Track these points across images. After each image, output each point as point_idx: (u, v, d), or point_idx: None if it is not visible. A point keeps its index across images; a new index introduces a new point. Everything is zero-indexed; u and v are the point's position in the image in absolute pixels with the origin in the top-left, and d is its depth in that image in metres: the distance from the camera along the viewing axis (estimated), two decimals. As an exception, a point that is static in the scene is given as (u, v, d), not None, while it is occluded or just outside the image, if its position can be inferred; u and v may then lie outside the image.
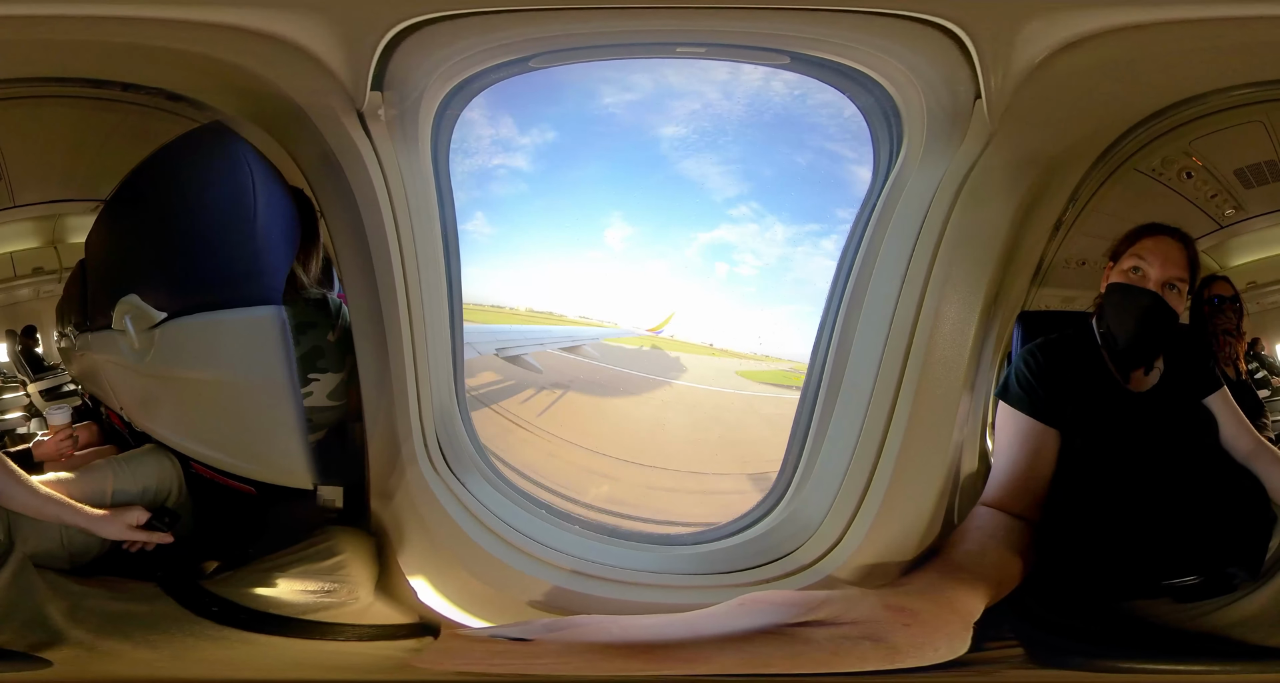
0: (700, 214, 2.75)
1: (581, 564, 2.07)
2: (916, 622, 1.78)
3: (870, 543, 2.00)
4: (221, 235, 1.95)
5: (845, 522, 2.04)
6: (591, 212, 2.76)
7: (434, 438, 2.10)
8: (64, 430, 2.11)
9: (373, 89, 1.96)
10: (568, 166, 2.70)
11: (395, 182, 2.04)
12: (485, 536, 2.06)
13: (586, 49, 2.05)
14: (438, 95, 2.06)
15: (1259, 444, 2.05)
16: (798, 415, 2.20)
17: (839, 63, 2.02)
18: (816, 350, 2.19)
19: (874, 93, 2.08)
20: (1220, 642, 1.91)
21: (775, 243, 2.65)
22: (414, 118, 2.05)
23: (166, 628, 1.84)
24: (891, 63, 1.98)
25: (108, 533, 1.96)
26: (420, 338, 2.06)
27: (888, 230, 2.09)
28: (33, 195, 2.05)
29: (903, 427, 2.02)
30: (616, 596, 2.03)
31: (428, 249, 2.11)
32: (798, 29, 1.93)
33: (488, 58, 2.01)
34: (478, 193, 2.68)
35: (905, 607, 1.81)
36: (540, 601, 2.02)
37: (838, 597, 1.85)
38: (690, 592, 2.05)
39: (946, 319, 2.02)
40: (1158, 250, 2.04)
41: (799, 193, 2.60)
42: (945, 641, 1.78)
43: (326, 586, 1.96)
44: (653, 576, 2.08)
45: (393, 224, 2.03)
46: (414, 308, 2.05)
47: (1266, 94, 2.01)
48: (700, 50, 2.06)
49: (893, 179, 2.12)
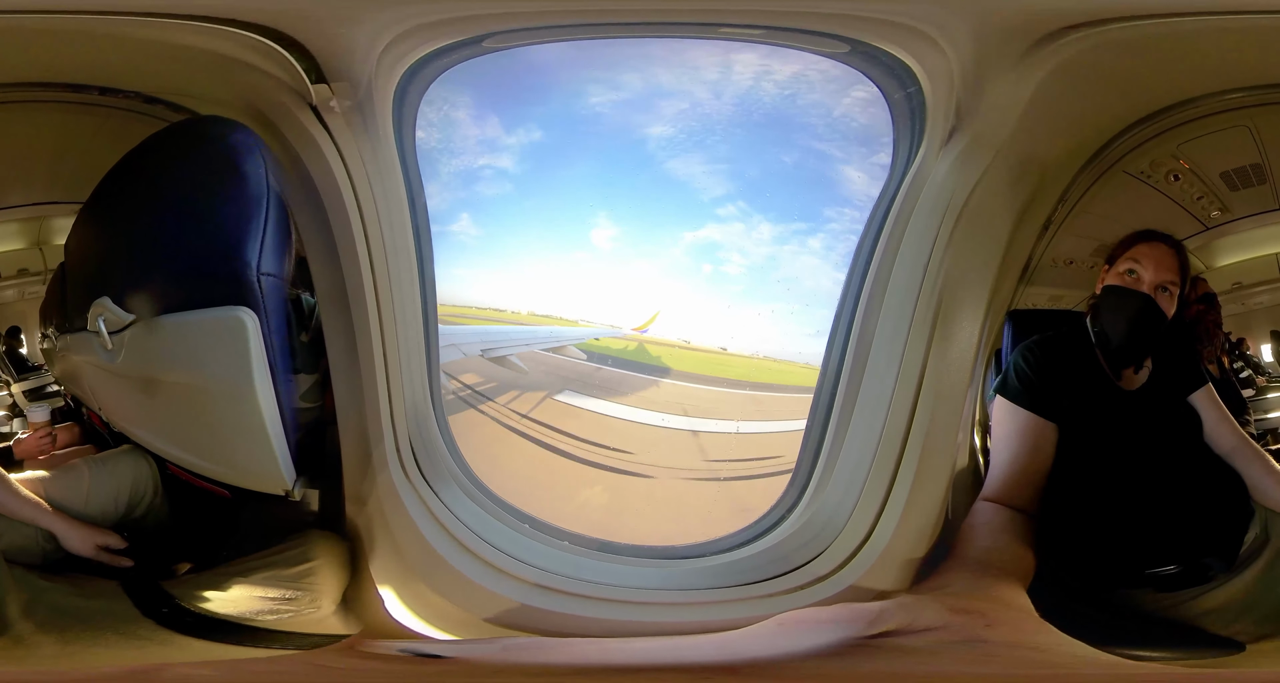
0: (687, 213, 2.75)
1: (564, 583, 1.99)
2: (996, 622, 1.76)
3: (895, 545, 1.97)
4: (188, 236, 1.91)
5: (870, 523, 2.01)
6: (578, 212, 2.75)
7: (406, 442, 2.06)
8: (43, 428, 2.11)
9: (316, 81, 1.93)
10: (555, 166, 2.69)
11: (359, 175, 2.00)
12: (451, 547, 2.00)
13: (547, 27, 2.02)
14: (392, 80, 2.02)
15: (1241, 440, 2.09)
16: (811, 416, 2.16)
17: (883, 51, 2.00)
18: (830, 350, 2.16)
19: (908, 87, 2.06)
20: (1186, 630, 1.96)
21: (762, 242, 2.65)
22: (370, 107, 2.01)
23: (104, 626, 1.82)
24: (929, 56, 1.97)
25: (73, 546, 1.95)
26: (391, 337, 2.02)
27: (905, 230, 2.08)
28: (17, 198, 2.06)
29: (925, 426, 2.01)
30: (609, 615, 1.96)
31: (397, 243, 2.07)
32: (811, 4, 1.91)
33: (438, 35, 1.97)
34: (463, 194, 2.66)
35: (973, 609, 1.78)
36: (508, 619, 1.95)
37: (893, 606, 1.81)
38: (704, 608, 1.98)
39: (957, 319, 2.03)
40: (1152, 255, 2.10)
41: (786, 192, 2.60)
42: (1031, 637, 1.77)
43: (289, 592, 1.93)
44: (652, 593, 2.01)
45: (358, 218, 1.99)
46: (384, 305, 2.01)
47: (1253, 99, 2.04)
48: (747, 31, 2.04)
49: (911, 176, 2.09)
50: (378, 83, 1.99)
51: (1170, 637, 1.96)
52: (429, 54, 2.04)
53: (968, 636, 1.72)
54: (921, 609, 1.78)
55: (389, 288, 2.03)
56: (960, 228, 2.01)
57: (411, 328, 2.09)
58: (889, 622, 1.75)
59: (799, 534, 2.06)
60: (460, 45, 2.04)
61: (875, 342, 2.07)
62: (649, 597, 2.00)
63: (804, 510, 2.10)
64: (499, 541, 2.04)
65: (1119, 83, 1.95)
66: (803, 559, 2.03)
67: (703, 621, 1.94)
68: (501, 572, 1.99)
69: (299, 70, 1.91)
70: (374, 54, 1.95)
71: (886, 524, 1.99)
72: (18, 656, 1.75)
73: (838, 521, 2.03)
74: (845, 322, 2.16)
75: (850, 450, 2.07)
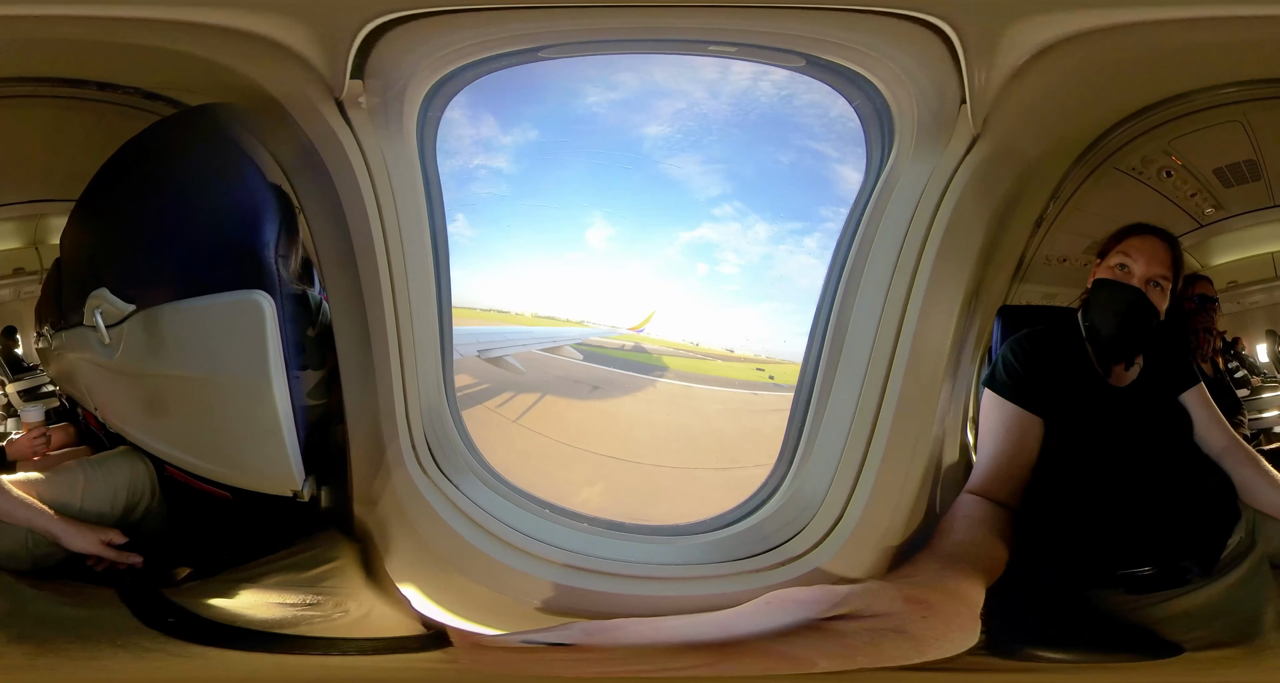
0: (683, 213, 2.76)
1: (588, 561, 2.04)
2: (933, 613, 1.80)
3: (866, 530, 2.00)
4: (199, 218, 1.89)
5: (843, 501, 2.04)
6: (573, 212, 2.76)
7: (422, 439, 2.07)
8: (38, 429, 2.09)
9: (352, 77, 1.92)
10: (550, 167, 2.70)
11: (379, 170, 2.00)
12: (482, 537, 2.03)
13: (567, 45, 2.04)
14: (424, 85, 2.03)
15: (1231, 441, 2.09)
16: (796, 396, 2.19)
17: (836, 64, 2.03)
18: (812, 340, 2.19)
19: (870, 96, 2.09)
20: (1136, 632, 1.96)
21: (758, 241, 2.65)
22: (398, 107, 2.01)
23: (97, 637, 1.76)
24: (885, 64, 2.00)
25: (78, 545, 1.92)
26: (407, 334, 2.02)
27: (879, 228, 2.10)
28: (12, 195, 2.05)
29: (892, 410, 2.04)
30: (630, 591, 2.01)
31: (414, 241, 2.07)
32: (781, 27, 1.94)
33: (480, 51, 1.99)
34: (458, 194, 2.67)
35: (921, 598, 1.82)
36: (546, 602, 1.99)
37: (859, 590, 1.86)
38: (707, 582, 2.03)
39: (931, 312, 2.04)
40: (1144, 248, 2.09)
41: (782, 191, 2.61)
42: (959, 632, 1.80)
43: (309, 597, 1.89)
44: (666, 569, 2.06)
45: (376, 214, 1.99)
46: (400, 303, 2.01)
47: (1247, 94, 2.04)
48: (725, 48, 2.06)
49: (883, 179, 2.12)
50: (410, 84, 2.00)
51: (1111, 640, 1.95)
52: (466, 65, 2.04)
53: (901, 626, 1.75)
54: (879, 595, 1.83)
55: (405, 284, 2.02)
56: (936, 221, 2.02)
57: (427, 326, 2.08)
58: (848, 605, 1.80)
59: (780, 514, 2.11)
60: (499, 58, 2.05)
61: (850, 330, 2.10)
62: (662, 572, 2.04)
63: (786, 490, 2.14)
64: (525, 526, 2.06)
65: (1110, 77, 1.95)
66: (781, 539, 2.08)
67: (706, 594, 1.99)
68: (532, 555, 2.02)
69: (329, 64, 1.90)
70: (424, 60, 1.96)
71: (855, 509, 2.03)
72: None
73: (814, 502, 2.08)
74: (825, 313, 2.19)
75: (827, 433, 2.11)
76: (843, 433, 2.08)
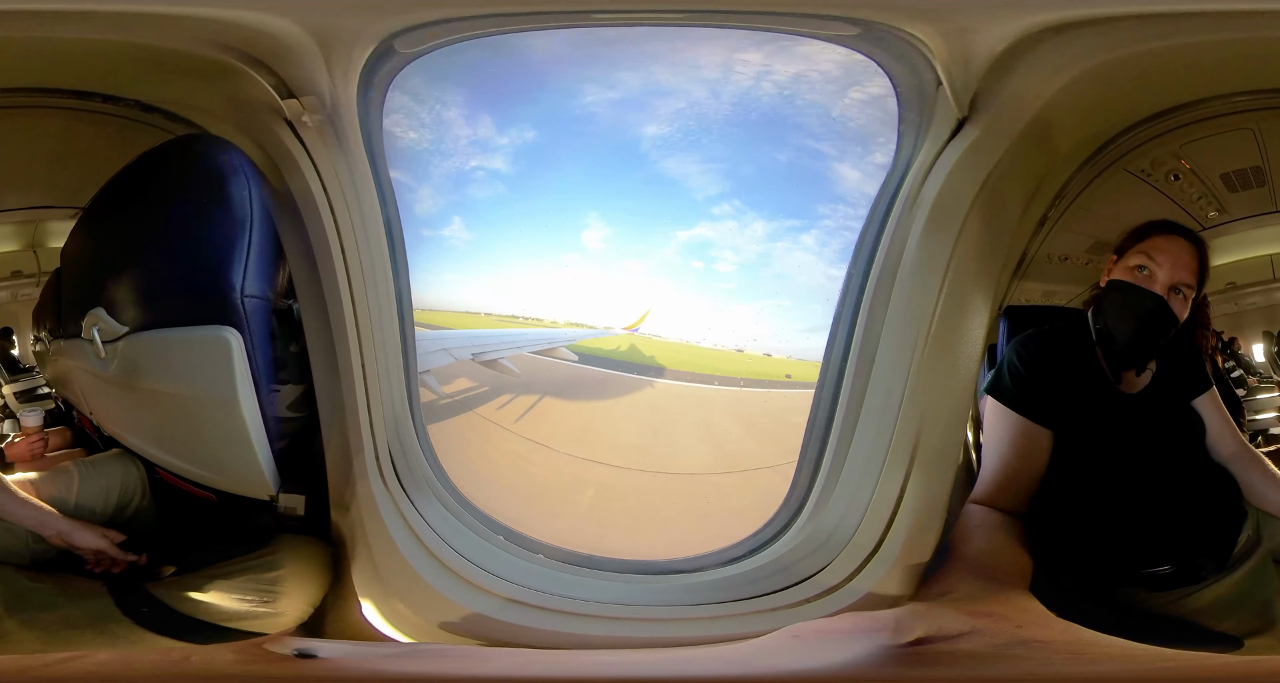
0: (681, 212, 2.75)
1: (532, 596, 1.97)
2: (1025, 623, 1.73)
3: (906, 551, 1.91)
4: (177, 256, 1.94)
5: (882, 528, 1.94)
6: (570, 213, 2.75)
7: (386, 451, 2.05)
8: (36, 433, 2.12)
9: (286, 97, 1.94)
10: (547, 167, 2.69)
11: (334, 187, 2.01)
12: (421, 557, 1.99)
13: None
14: (350, 91, 2.00)
15: (1241, 447, 2.04)
16: (811, 419, 2.05)
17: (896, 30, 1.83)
18: (831, 349, 2.03)
19: (921, 74, 1.92)
20: (1183, 626, 1.94)
21: (755, 239, 2.65)
22: (339, 120, 2.00)
23: (82, 624, 1.82)
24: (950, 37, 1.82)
25: (86, 541, 1.95)
26: (369, 346, 2.02)
27: (912, 228, 1.94)
28: (14, 201, 2.08)
29: (934, 428, 1.91)
30: (582, 630, 1.94)
31: (372, 254, 2.06)
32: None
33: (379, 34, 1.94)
34: (455, 197, 2.65)
35: (994, 612, 1.76)
36: (472, 629, 1.94)
37: (906, 613, 1.78)
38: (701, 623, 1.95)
39: (965, 315, 1.90)
40: (1169, 251, 1.96)
41: (780, 189, 2.60)
42: (1061, 635, 1.74)
43: (265, 596, 1.93)
44: (628, 609, 1.97)
45: (334, 230, 2.00)
46: (360, 315, 2.01)
47: (1259, 102, 1.99)
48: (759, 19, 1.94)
49: (914, 171, 1.97)
50: (340, 94, 1.97)
51: (1171, 633, 1.92)
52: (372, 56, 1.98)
53: (1005, 639, 1.69)
54: (939, 616, 1.75)
55: (365, 298, 2.03)
56: (969, 223, 1.87)
57: (389, 337, 2.08)
58: (915, 629, 1.71)
59: (803, 545, 2.00)
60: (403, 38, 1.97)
61: (882, 342, 1.95)
62: (625, 612, 1.97)
63: (806, 521, 2.03)
64: (471, 553, 2.02)
65: (1132, 80, 1.84)
66: (809, 570, 1.96)
67: (678, 636, 1.92)
68: (471, 584, 1.98)
69: (267, 87, 1.92)
70: (330, 66, 1.93)
71: (895, 531, 1.92)
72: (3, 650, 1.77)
73: (845, 530, 1.97)
74: (846, 323, 2.03)
75: (856, 458, 1.98)
76: (880, 454, 1.94)
